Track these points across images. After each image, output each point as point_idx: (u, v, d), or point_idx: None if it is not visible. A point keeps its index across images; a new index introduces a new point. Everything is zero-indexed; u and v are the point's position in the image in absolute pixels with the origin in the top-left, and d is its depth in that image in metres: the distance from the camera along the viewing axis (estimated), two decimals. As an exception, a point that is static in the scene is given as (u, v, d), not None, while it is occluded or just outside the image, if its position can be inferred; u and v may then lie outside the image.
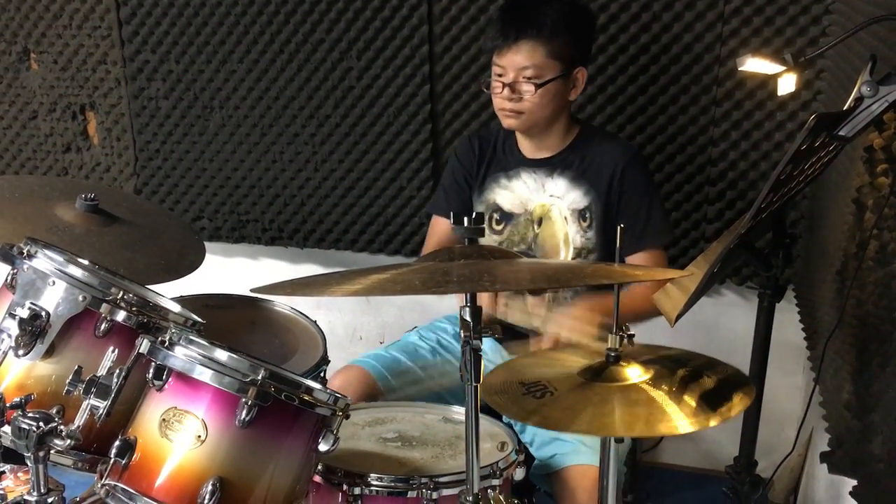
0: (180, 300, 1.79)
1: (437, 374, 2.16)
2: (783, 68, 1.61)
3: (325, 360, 2.05)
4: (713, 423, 1.22)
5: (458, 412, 1.87)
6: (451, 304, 2.46)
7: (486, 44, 2.07)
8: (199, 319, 1.68)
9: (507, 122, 2.06)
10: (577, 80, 2.04)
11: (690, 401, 1.26)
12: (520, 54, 1.97)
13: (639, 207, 2.05)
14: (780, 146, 2.36)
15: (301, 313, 2.22)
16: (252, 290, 1.34)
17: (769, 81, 1.89)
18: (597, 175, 2.06)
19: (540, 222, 2.11)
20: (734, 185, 2.44)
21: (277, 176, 2.83)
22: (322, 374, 2.05)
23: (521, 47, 1.96)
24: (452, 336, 2.26)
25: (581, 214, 2.07)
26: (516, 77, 1.98)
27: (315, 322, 2.19)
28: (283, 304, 2.25)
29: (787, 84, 1.63)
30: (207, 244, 2.21)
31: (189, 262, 2.06)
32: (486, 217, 2.17)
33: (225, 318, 2.17)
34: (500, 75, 2.01)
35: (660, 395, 1.27)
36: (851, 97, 1.37)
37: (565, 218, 2.09)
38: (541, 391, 1.30)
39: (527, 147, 2.13)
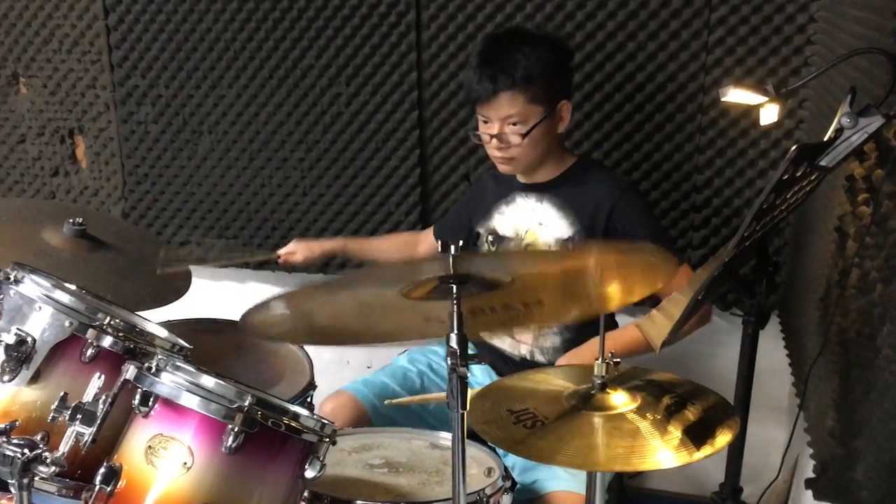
0: (167, 325, 1.79)
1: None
2: (765, 99, 1.63)
3: (312, 386, 2.05)
4: (697, 457, 1.23)
5: (445, 438, 1.87)
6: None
7: (466, 95, 2.10)
8: (186, 345, 1.68)
9: (502, 168, 2.10)
10: (563, 114, 2.06)
11: (675, 433, 1.27)
12: (501, 106, 1.99)
13: (645, 236, 2.04)
14: (764, 174, 2.39)
15: (288, 338, 2.22)
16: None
17: (753, 110, 1.92)
18: (582, 208, 2.08)
19: (527, 249, 2.13)
20: (719, 212, 2.46)
21: (266, 201, 2.84)
22: (309, 400, 2.05)
23: (501, 98, 1.98)
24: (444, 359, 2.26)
25: (564, 244, 2.09)
26: (501, 127, 2.00)
27: (302, 347, 2.19)
28: (271, 328, 2.24)
29: (770, 114, 1.65)
30: (194, 268, 2.20)
31: (176, 288, 2.07)
32: (484, 240, 2.23)
33: (212, 343, 2.17)
34: (486, 122, 2.04)
35: (645, 427, 1.29)
36: (832, 128, 1.40)
37: (549, 246, 2.10)
38: (531, 420, 1.31)
39: (522, 175, 2.17)
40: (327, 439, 1.45)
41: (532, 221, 2.14)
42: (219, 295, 2.99)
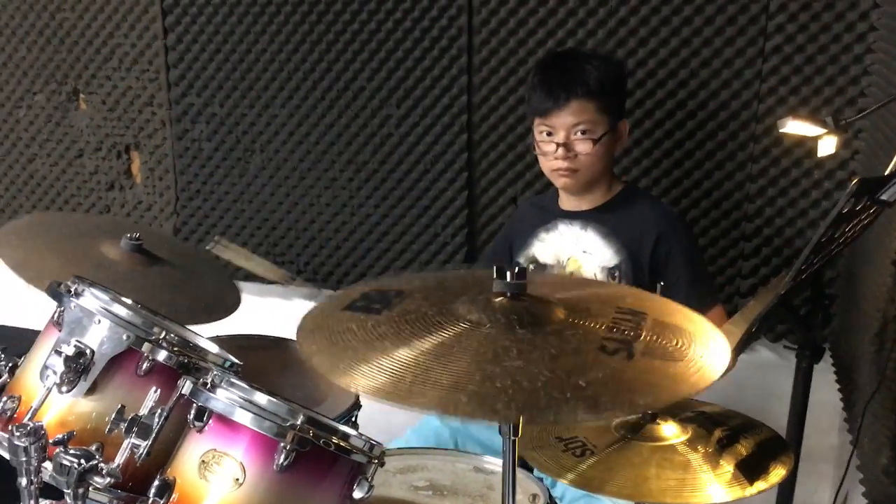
0: (216, 340, 1.81)
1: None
2: (824, 131, 1.62)
3: (357, 405, 2.06)
4: (750, 492, 1.22)
5: (489, 462, 1.86)
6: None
7: (531, 108, 2.12)
8: (237, 361, 1.70)
9: (562, 181, 2.09)
10: (622, 133, 2.09)
11: (727, 467, 1.26)
12: (570, 114, 2.01)
13: (685, 271, 2.05)
14: (818, 204, 2.36)
15: (334, 356, 2.23)
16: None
17: (807, 141, 1.90)
18: (629, 235, 2.07)
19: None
20: (770, 242, 2.43)
21: (314, 219, 2.87)
22: (353, 419, 2.05)
23: (572, 106, 2.01)
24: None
25: (611, 273, 2.08)
26: (568, 135, 2.02)
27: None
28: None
29: (828, 146, 1.64)
30: (243, 284, 2.24)
31: (227, 305, 2.09)
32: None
33: (258, 360, 2.18)
34: (549, 135, 2.05)
35: (696, 460, 1.28)
36: (893, 162, 1.38)
37: (594, 275, 2.09)
38: (580, 448, 1.30)
39: (566, 200, 2.17)
40: (376, 460, 1.45)
41: (575, 249, 2.13)
42: (265, 311, 3.02)
